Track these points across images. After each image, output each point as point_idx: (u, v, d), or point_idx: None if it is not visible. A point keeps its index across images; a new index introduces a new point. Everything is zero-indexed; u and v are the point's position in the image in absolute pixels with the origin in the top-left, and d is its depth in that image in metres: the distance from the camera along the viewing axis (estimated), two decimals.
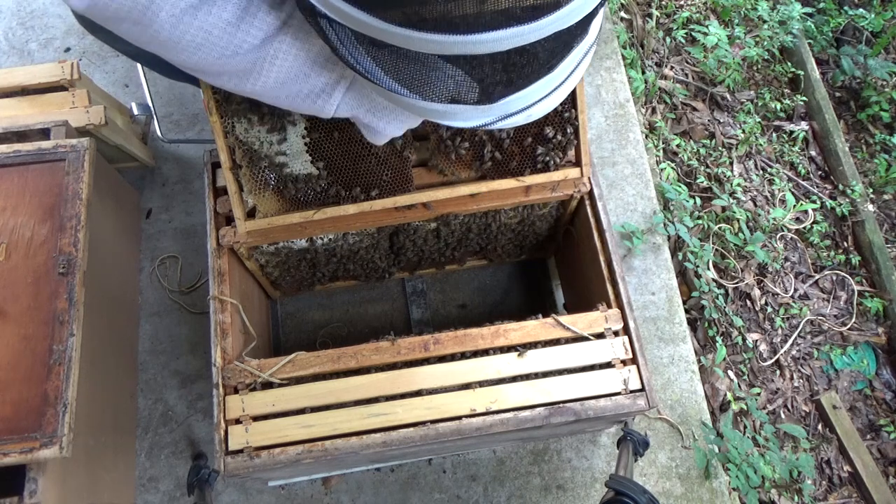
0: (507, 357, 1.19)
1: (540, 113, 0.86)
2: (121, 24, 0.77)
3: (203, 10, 0.76)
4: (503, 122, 0.83)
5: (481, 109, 0.78)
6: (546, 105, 0.85)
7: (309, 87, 0.86)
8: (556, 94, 0.84)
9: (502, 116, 0.82)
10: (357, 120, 0.95)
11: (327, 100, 0.88)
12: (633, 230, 1.85)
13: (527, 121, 0.87)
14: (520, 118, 0.84)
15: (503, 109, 0.80)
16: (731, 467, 1.65)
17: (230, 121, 1.15)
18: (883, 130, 2.43)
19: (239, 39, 0.80)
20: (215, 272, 1.26)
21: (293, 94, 0.87)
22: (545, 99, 0.83)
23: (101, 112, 1.55)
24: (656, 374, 1.73)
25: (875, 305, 2.12)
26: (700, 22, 2.45)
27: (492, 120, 0.82)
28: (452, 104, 0.77)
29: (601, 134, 2.00)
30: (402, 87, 0.77)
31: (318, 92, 0.87)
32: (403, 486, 1.60)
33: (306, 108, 0.89)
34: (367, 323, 1.77)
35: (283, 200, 1.23)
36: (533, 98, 0.81)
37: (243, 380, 1.17)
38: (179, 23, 0.76)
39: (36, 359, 1.19)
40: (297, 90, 0.87)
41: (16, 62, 2.03)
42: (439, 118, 0.82)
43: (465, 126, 0.83)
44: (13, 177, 1.34)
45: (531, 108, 0.82)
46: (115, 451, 1.51)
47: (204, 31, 0.78)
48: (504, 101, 0.78)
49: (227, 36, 0.79)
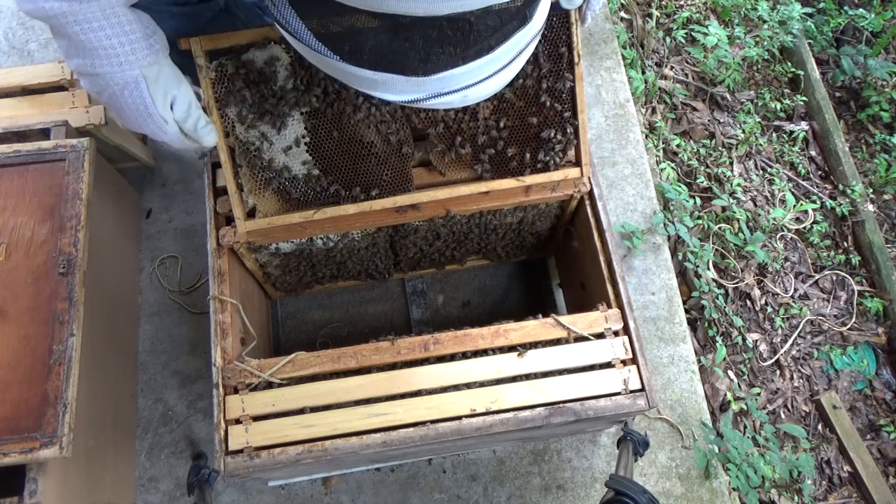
0: (507, 357, 1.19)
1: (476, 97, 0.84)
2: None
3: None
4: (437, 101, 0.81)
5: (414, 82, 0.77)
6: (483, 89, 0.83)
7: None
8: (494, 79, 0.82)
9: (436, 94, 0.80)
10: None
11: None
12: (633, 230, 1.85)
13: (462, 103, 0.84)
14: (455, 98, 0.82)
15: (437, 86, 0.78)
16: (731, 467, 1.65)
17: (230, 121, 1.15)
18: (883, 130, 2.43)
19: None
20: (215, 272, 1.26)
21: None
22: (483, 83, 0.81)
23: (101, 112, 1.55)
24: (656, 374, 1.73)
25: (875, 305, 2.12)
26: (700, 22, 2.45)
27: (424, 96, 0.80)
28: (384, 72, 0.75)
29: (601, 134, 2.00)
30: (333, 52, 0.75)
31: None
32: (403, 486, 1.60)
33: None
34: (367, 323, 1.77)
35: (283, 200, 1.23)
36: (469, 79, 0.79)
37: (243, 380, 1.17)
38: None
39: (36, 359, 1.19)
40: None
41: (16, 62, 2.03)
42: (370, 88, 0.80)
43: (396, 100, 0.81)
44: (13, 177, 1.34)
45: (468, 89, 0.81)
46: (115, 451, 1.51)
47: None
48: (439, 77, 0.76)
49: None
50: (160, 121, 0.97)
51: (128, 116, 0.96)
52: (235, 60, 1.11)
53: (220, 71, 1.11)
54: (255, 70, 1.12)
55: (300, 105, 1.15)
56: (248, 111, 1.15)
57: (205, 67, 1.10)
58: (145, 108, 0.94)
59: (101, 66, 0.88)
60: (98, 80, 0.90)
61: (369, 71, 0.76)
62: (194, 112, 1.02)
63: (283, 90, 1.14)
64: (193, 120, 1.03)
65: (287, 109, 1.15)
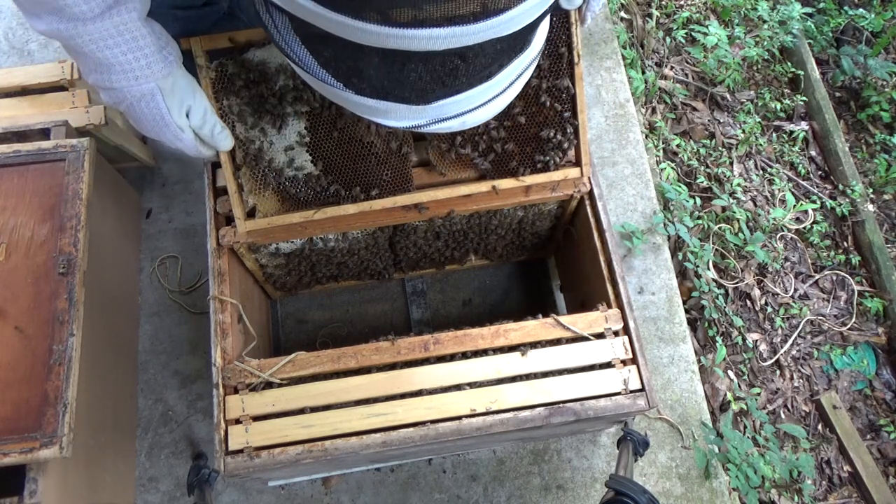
0: (507, 357, 1.19)
1: (475, 121, 0.85)
2: None
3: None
4: (436, 126, 0.82)
5: (415, 110, 0.78)
6: (482, 114, 0.84)
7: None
8: (493, 104, 0.83)
9: (436, 120, 0.81)
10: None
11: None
12: (633, 230, 1.85)
13: (461, 128, 0.85)
14: (454, 124, 0.83)
15: (437, 113, 0.79)
16: (731, 467, 1.65)
17: (230, 121, 1.15)
18: (883, 130, 2.43)
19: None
20: (215, 272, 1.26)
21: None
22: (481, 108, 0.82)
23: (101, 112, 1.55)
24: (656, 374, 1.73)
25: (875, 305, 2.12)
26: (700, 22, 2.45)
27: (424, 122, 0.81)
28: (386, 101, 0.76)
29: (601, 134, 2.00)
30: (336, 80, 0.76)
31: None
32: (403, 486, 1.60)
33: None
34: (367, 323, 1.77)
35: (283, 200, 1.23)
36: (469, 105, 0.80)
37: (243, 380, 1.17)
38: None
39: (36, 359, 1.19)
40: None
41: (16, 62, 2.03)
42: (372, 115, 0.81)
43: (397, 126, 0.82)
44: (13, 177, 1.34)
45: (466, 115, 0.82)
46: (115, 451, 1.51)
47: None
48: (439, 105, 0.77)
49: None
50: (176, 130, 1.01)
51: (145, 126, 1.00)
52: (235, 60, 1.12)
53: (220, 71, 1.11)
54: (255, 70, 1.12)
55: (300, 105, 1.15)
56: (248, 111, 1.15)
57: (205, 67, 1.10)
58: (162, 119, 0.98)
59: (118, 81, 0.91)
60: (115, 93, 0.94)
61: (371, 100, 0.77)
62: (210, 119, 1.06)
63: (283, 90, 1.14)
64: (210, 127, 1.07)
65: (287, 109, 1.15)
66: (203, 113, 1.04)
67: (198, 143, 1.07)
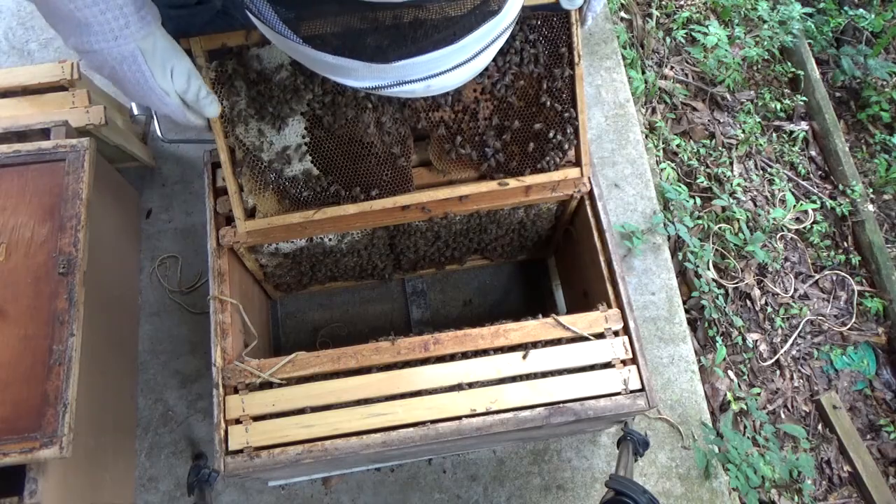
0: (507, 357, 1.19)
1: (441, 87, 0.83)
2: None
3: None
4: (399, 89, 0.80)
5: (376, 69, 0.76)
6: (448, 79, 0.82)
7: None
8: (461, 70, 0.82)
9: (399, 81, 0.79)
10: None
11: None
12: (633, 230, 1.85)
13: (426, 93, 0.84)
14: (418, 87, 0.81)
15: (400, 74, 0.78)
16: (730, 467, 1.65)
17: (230, 120, 1.15)
18: (883, 130, 2.43)
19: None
20: (215, 272, 1.26)
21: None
22: (448, 73, 0.80)
23: (101, 112, 1.55)
24: (656, 374, 1.73)
25: (875, 305, 2.12)
26: (700, 22, 2.45)
27: (386, 84, 0.79)
28: (345, 58, 0.75)
29: (601, 134, 2.00)
30: (295, 34, 0.75)
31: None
32: (403, 486, 1.60)
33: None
34: (367, 323, 1.77)
35: (283, 200, 1.23)
36: (434, 69, 0.78)
37: (243, 380, 1.17)
38: None
39: (36, 359, 1.19)
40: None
41: (16, 62, 2.03)
42: (333, 73, 0.80)
43: (358, 86, 0.81)
44: (13, 177, 1.34)
45: (431, 79, 0.80)
46: (115, 451, 1.51)
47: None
48: (401, 64, 0.76)
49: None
50: (161, 93, 0.97)
51: (129, 91, 0.97)
52: (235, 60, 1.11)
53: (220, 71, 1.11)
54: (255, 70, 1.12)
55: (300, 105, 1.15)
56: (248, 111, 1.15)
57: (205, 67, 1.10)
58: (145, 81, 0.95)
59: (98, 43, 0.88)
60: (96, 56, 0.91)
61: (331, 56, 0.75)
62: (195, 82, 1.02)
63: (284, 90, 1.14)
64: (195, 90, 1.03)
65: (287, 109, 1.15)
66: (187, 76, 1.00)
67: (184, 108, 1.04)
